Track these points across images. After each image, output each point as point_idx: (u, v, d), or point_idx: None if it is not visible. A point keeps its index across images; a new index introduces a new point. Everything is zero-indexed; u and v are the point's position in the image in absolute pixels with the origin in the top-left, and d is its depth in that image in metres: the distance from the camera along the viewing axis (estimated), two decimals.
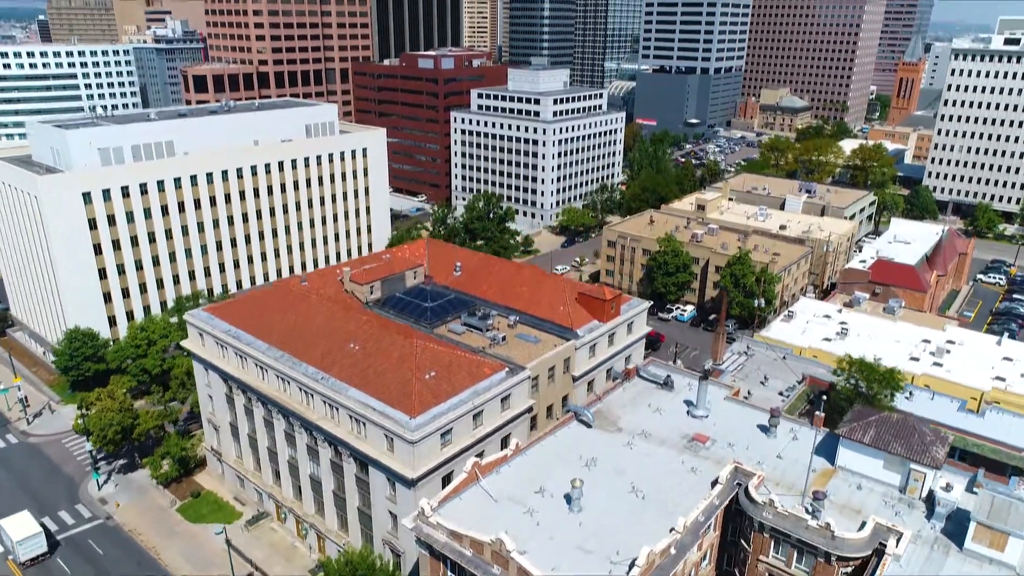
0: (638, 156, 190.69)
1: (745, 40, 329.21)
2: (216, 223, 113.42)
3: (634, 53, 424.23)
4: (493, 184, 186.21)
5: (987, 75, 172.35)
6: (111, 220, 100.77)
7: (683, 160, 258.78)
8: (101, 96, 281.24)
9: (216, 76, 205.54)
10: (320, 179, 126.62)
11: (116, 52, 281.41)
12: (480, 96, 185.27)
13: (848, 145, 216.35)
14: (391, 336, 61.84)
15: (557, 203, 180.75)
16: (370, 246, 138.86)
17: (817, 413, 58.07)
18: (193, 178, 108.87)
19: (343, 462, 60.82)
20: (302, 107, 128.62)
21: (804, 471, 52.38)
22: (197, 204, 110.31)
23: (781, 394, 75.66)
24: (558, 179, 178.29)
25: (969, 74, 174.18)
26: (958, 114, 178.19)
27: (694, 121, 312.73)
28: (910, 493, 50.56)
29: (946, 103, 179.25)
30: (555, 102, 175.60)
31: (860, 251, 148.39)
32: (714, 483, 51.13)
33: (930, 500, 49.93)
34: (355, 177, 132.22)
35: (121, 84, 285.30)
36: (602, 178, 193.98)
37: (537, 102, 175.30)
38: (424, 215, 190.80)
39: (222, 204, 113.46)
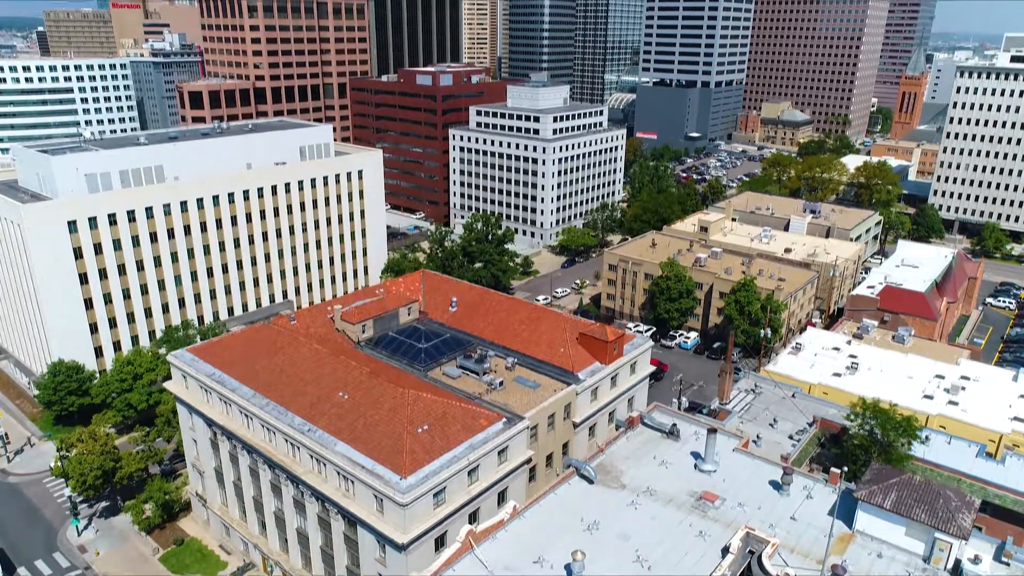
0: (639, 173, 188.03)
1: (746, 53, 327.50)
2: (207, 249, 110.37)
3: (634, 65, 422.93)
4: (492, 202, 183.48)
5: (993, 92, 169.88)
6: (97, 248, 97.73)
7: (684, 175, 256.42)
8: (98, 110, 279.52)
9: (212, 92, 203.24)
10: (314, 202, 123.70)
11: (113, 66, 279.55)
12: (479, 113, 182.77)
13: (852, 162, 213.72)
14: (382, 385, 58.66)
15: (557, 222, 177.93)
16: (366, 269, 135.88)
17: (833, 470, 54.89)
18: (183, 204, 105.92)
19: (331, 519, 57.53)
20: (296, 128, 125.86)
21: (820, 534, 49.20)
22: (187, 230, 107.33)
23: (791, 437, 72.47)
24: (558, 197, 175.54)
25: (975, 91, 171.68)
26: (963, 132, 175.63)
27: (695, 135, 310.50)
28: (935, 563, 47.29)
29: (951, 120, 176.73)
30: (555, 119, 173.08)
31: (867, 273, 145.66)
32: (725, 550, 47.87)
33: (956, 571, 46.67)
34: (350, 199, 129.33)
35: (118, 98, 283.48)
36: (603, 196, 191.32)
37: (537, 120, 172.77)
38: (422, 233, 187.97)
39: (213, 230, 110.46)
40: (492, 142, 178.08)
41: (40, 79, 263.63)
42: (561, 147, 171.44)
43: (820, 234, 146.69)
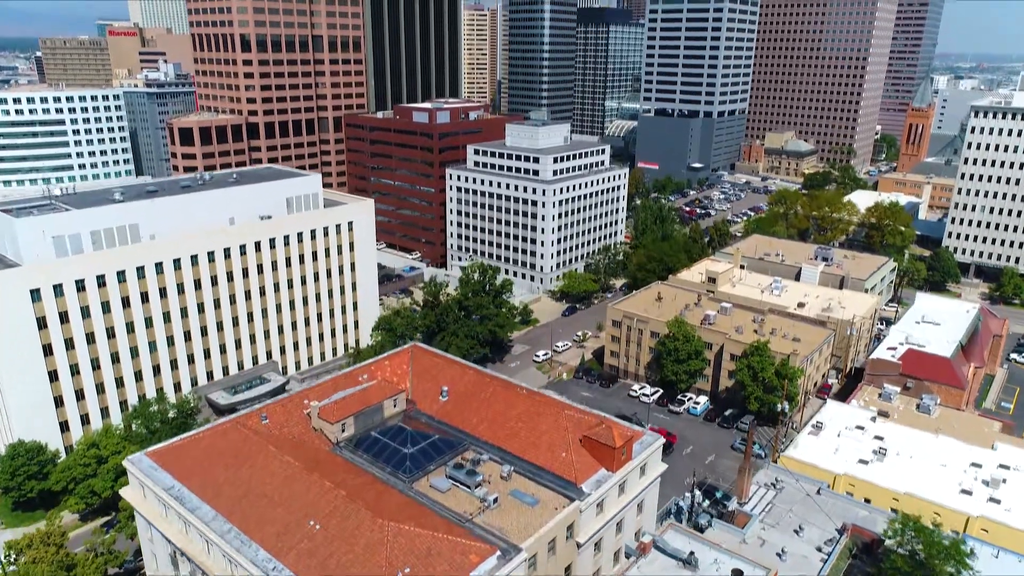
0: (642, 212, 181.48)
1: (748, 82, 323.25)
2: (184, 312, 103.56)
3: (635, 92, 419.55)
4: (490, 244, 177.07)
5: (1009, 133, 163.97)
6: (63, 317, 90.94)
7: (688, 210, 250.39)
8: (89, 142, 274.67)
9: (203, 128, 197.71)
10: (301, 257, 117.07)
11: (105, 97, 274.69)
12: (477, 152, 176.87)
13: (861, 199, 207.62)
14: (359, 513, 51.40)
15: (558, 265, 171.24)
16: (356, 323, 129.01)
17: None
18: (159, 266, 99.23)
19: None
20: (283, 179, 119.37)
21: None
22: (163, 293, 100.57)
23: (819, 549, 64.97)
24: (559, 240, 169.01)
25: (990, 132, 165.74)
26: (979, 173, 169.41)
27: (697, 165, 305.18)
28: None
29: (966, 161, 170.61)
30: (555, 160, 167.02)
31: (884, 324, 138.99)
32: None
33: None
34: (340, 252, 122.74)
35: (111, 130, 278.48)
36: (605, 235, 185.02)
37: (536, 160, 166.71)
38: (418, 275, 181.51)
39: (191, 291, 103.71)
40: (490, 183, 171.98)
41: (31, 111, 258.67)
42: (561, 188, 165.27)
43: (834, 284, 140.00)
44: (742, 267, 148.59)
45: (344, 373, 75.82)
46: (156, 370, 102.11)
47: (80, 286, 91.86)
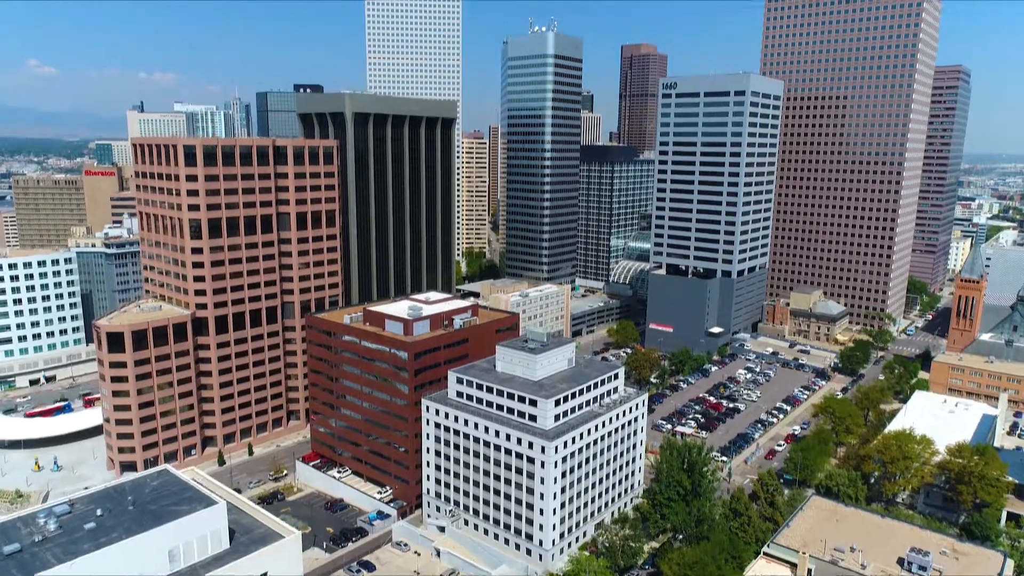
0: (668, 457, 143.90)
1: (768, 237, 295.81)
2: None
3: (642, 230, 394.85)
4: (475, 499, 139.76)
5: None
6: None
7: (713, 402, 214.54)
8: (33, 311, 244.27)
9: (137, 332, 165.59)
10: None
11: (55, 261, 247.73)
12: (460, 381, 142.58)
13: (922, 412, 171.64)
14: None
15: (561, 535, 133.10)
16: None
17: None
18: None
19: None
20: (169, 522, 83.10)
21: None
22: None
23: None
24: (563, 504, 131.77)
25: None
26: None
27: (716, 330, 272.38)
28: None
29: None
30: (557, 403, 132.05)
31: None
32: None
33: None
34: None
35: (59, 296, 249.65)
36: (620, 480, 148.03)
37: (533, 403, 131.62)
38: (385, 534, 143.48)
39: None
40: (475, 425, 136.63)
41: None
42: (566, 442, 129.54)
43: None
44: (809, 571, 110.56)
45: None
46: None
47: None
